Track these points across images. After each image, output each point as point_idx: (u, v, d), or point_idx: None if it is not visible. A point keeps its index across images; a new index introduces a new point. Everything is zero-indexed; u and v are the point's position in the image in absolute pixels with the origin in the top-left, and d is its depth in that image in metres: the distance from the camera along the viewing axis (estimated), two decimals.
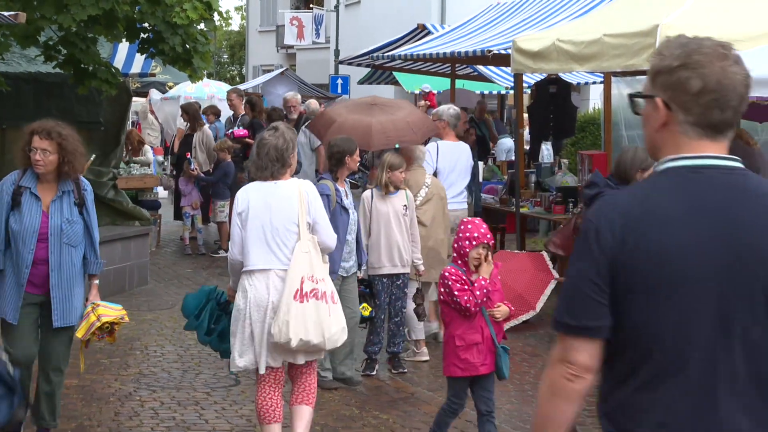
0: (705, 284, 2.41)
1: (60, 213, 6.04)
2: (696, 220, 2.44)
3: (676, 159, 2.53)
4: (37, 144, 5.95)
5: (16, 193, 6.00)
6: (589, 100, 22.39)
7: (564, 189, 12.09)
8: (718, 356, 2.42)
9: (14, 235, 6.01)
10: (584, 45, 9.39)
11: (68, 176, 6.05)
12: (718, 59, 2.51)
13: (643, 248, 2.42)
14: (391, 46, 16.76)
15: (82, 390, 7.70)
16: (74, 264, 6.11)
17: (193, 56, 10.25)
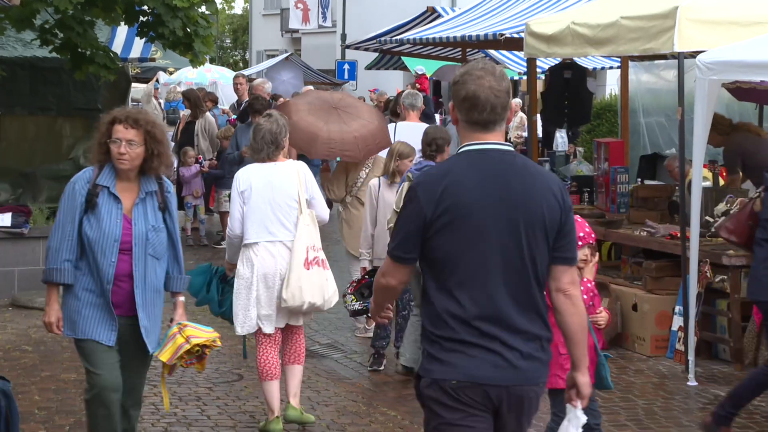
0: (489, 225, 3.83)
1: (144, 218, 5.28)
2: (483, 184, 3.84)
3: (468, 145, 3.91)
4: (122, 134, 5.19)
5: (91, 193, 5.20)
6: (605, 86, 22.36)
7: (579, 178, 12.08)
8: (499, 269, 3.84)
9: (90, 244, 5.20)
10: (600, 28, 9.38)
11: (154, 173, 5.31)
12: (478, 77, 3.86)
13: (449, 204, 3.81)
14: (399, 30, 16.74)
15: (81, 385, 7.70)
16: (159, 279, 5.38)
17: (194, 40, 10.29)
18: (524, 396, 3.87)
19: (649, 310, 8.87)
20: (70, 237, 5.22)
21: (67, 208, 5.25)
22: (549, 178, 3.97)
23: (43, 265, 10.78)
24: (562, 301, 3.94)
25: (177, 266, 5.49)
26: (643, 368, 8.55)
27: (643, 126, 14.25)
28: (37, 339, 9.11)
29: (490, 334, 3.80)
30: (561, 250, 3.90)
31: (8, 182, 11.83)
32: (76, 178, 5.30)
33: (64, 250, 5.23)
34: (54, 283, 5.29)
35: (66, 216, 5.25)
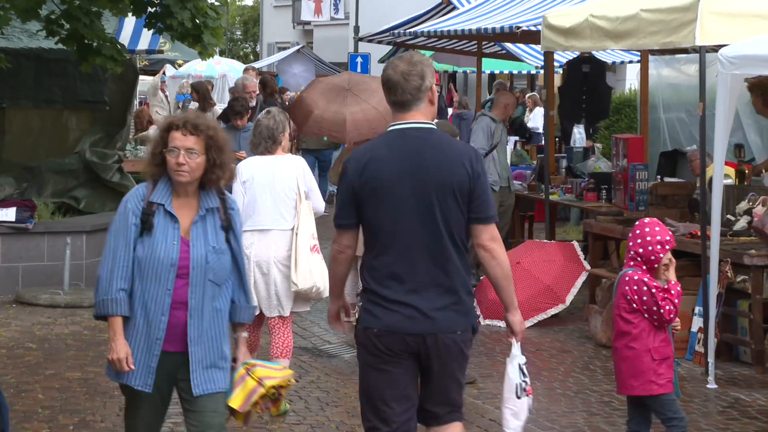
0: (405, 193, 4.58)
1: (203, 239, 4.74)
2: (400, 158, 4.61)
3: (392, 125, 4.75)
4: (180, 142, 4.67)
5: (146, 212, 4.71)
6: (624, 81, 22.30)
7: (597, 175, 12.06)
8: (416, 233, 4.59)
9: (143, 270, 4.69)
10: (620, 21, 9.37)
11: (215, 186, 4.79)
12: (394, 65, 4.71)
13: (370, 176, 4.60)
14: (414, 23, 16.72)
15: (85, 383, 7.77)
16: (220, 309, 4.80)
17: (204, 32, 10.28)
18: (440, 343, 4.62)
19: None
20: (124, 263, 4.68)
21: (119, 230, 4.72)
22: (460, 150, 4.70)
23: (48, 260, 10.95)
24: (483, 255, 4.73)
25: (243, 294, 4.90)
26: None
27: (663, 122, 14.22)
28: (41, 336, 9.14)
29: (410, 290, 4.60)
30: (476, 212, 4.65)
31: (12, 176, 11.87)
32: (128, 197, 4.79)
33: (118, 279, 4.68)
34: (111, 315, 4.68)
35: (118, 239, 4.71)
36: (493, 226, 4.71)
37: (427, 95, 4.68)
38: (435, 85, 4.76)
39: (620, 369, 5.91)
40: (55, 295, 10.35)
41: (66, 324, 9.61)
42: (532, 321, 9.87)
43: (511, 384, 5.00)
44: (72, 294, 10.40)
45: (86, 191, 12.20)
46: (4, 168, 11.93)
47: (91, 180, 12.24)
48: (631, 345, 5.84)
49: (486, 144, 11.71)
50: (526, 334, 9.55)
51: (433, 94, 4.72)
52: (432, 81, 4.70)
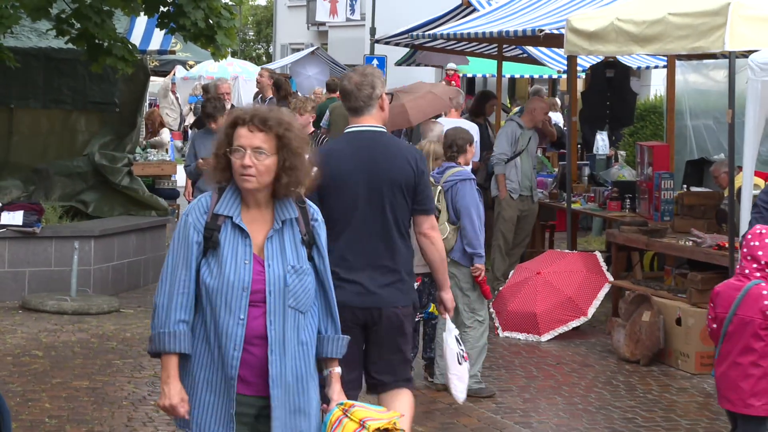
0: (359, 188, 5.43)
1: (281, 257, 4.12)
2: (355, 157, 5.47)
3: (349, 128, 5.61)
4: (246, 140, 4.08)
5: (210, 227, 4.11)
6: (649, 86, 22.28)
7: (620, 183, 12.05)
8: (368, 220, 5.43)
9: (210, 295, 4.07)
10: (646, 25, 9.36)
11: (289, 193, 4.17)
12: (350, 77, 5.58)
13: (331, 171, 5.28)
14: (432, 24, 16.73)
15: (93, 393, 7.80)
16: (305, 342, 4.18)
17: (217, 32, 10.32)
18: (383, 315, 5.50)
19: (694, 325, 8.83)
20: (184, 289, 4.09)
21: (179, 249, 4.12)
22: (407, 151, 5.63)
23: (55, 266, 11.00)
24: (423, 241, 5.67)
25: (331, 322, 4.28)
26: (686, 386, 8.52)
27: (690, 129, 14.18)
28: (48, 344, 9.17)
29: (359, 270, 5.46)
30: (419, 204, 5.57)
31: (20, 178, 11.91)
32: (190, 208, 4.18)
33: (178, 308, 4.08)
34: (167, 353, 4.09)
35: (177, 260, 4.11)
36: (432, 217, 5.68)
37: (377, 102, 5.56)
38: (386, 94, 5.63)
39: (739, 386, 5.76)
40: (62, 301, 10.38)
41: (73, 331, 9.65)
42: (552, 333, 9.86)
43: (452, 353, 6.13)
44: (79, 300, 10.44)
45: (95, 195, 12.24)
46: (12, 170, 11.97)
47: (100, 183, 12.28)
48: (759, 363, 5.72)
49: (508, 150, 11.69)
50: (546, 347, 9.60)
51: (384, 101, 5.59)
52: (382, 90, 5.58)
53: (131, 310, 10.59)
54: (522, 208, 11.83)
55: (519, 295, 10.19)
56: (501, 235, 11.78)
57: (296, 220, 4.19)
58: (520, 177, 11.78)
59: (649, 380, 8.71)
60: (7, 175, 11.84)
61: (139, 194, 12.31)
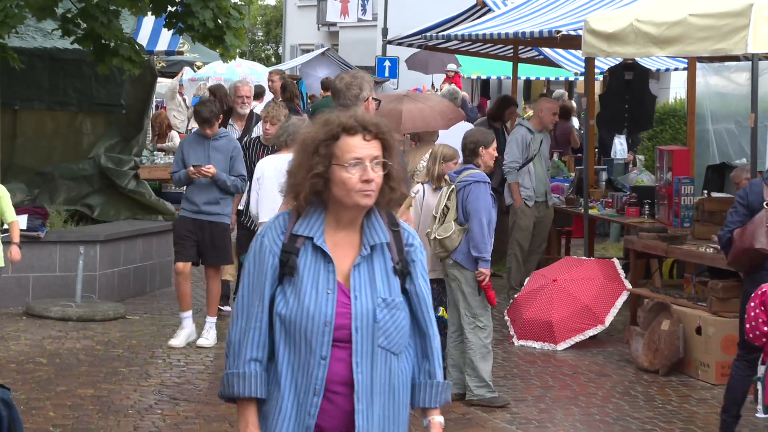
0: None
1: (370, 288, 3.62)
2: None
3: None
4: (365, 150, 3.60)
5: (287, 249, 3.62)
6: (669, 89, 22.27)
7: (639, 189, 12.04)
8: None
9: (287, 329, 3.59)
10: (666, 26, 9.36)
11: (392, 209, 3.75)
12: (340, 78, 6.18)
13: None
14: (446, 25, 16.74)
15: (98, 401, 7.82)
16: (397, 389, 3.66)
17: (226, 33, 10.34)
18: None
19: (714, 334, 8.82)
20: (257, 323, 3.62)
21: (253, 276, 3.65)
22: None
23: (59, 271, 11.02)
24: None
25: (428, 366, 3.73)
26: (707, 397, 8.50)
27: (711, 133, 14.18)
28: (52, 351, 9.20)
29: None
30: None
31: (24, 182, 11.95)
32: (265, 229, 3.70)
33: (250, 345, 3.61)
34: (239, 397, 3.65)
35: (252, 289, 3.64)
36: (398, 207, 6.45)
37: (363, 104, 6.12)
38: (373, 99, 6.16)
39: None
40: (66, 307, 10.41)
41: (78, 338, 9.67)
42: (569, 342, 9.86)
43: None
44: (84, 307, 10.47)
45: (101, 198, 12.28)
46: (16, 173, 12.01)
47: (105, 187, 12.31)
48: None
49: (520, 156, 11.68)
50: (563, 356, 9.59)
51: (369, 104, 6.14)
52: (369, 94, 6.16)
53: (137, 317, 10.62)
54: (537, 215, 11.83)
55: (535, 303, 10.19)
56: (517, 244, 11.78)
57: (387, 246, 3.67)
58: (535, 183, 11.76)
59: (669, 391, 8.70)
60: (11, 178, 11.87)
61: (146, 198, 12.34)
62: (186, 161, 9.52)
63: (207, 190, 9.46)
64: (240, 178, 9.49)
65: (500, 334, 10.22)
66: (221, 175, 9.38)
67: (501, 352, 9.66)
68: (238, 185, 9.50)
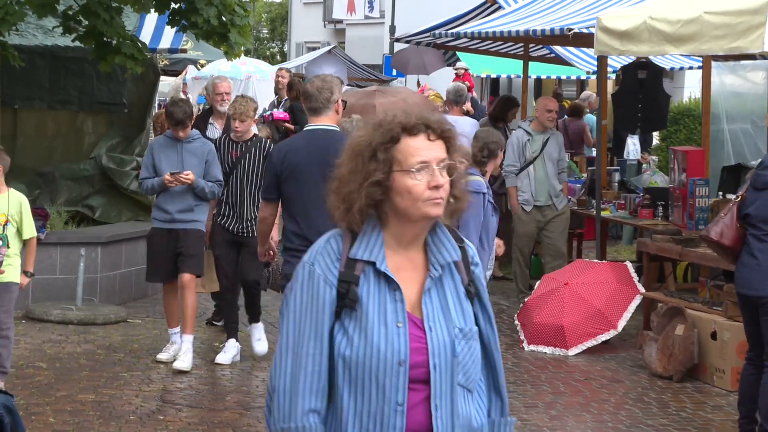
0: (313, 177, 6.37)
1: (444, 316, 3.18)
2: (310, 151, 6.53)
3: (308, 126, 6.70)
4: (432, 152, 3.18)
5: (345, 278, 3.15)
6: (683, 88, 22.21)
7: (652, 190, 12.03)
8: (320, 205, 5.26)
9: (352, 373, 3.12)
10: (681, 24, 9.35)
11: (455, 221, 3.32)
12: (311, 82, 6.61)
13: (288, 164, 6.57)
14: (455, 23, 16.73)
15: (99, 407, 7.83)
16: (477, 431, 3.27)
17: (230, 30, 10.36)
18: None
19: (730, 339, 8.81)
20: (314, 366, 3.13)
21: (304, 311, 3.16)
22: None
23: (60, 273, 11.04)
24: None
25: (499, 402, 3.35)
26: (722, 404, 8.49)
27: (726, 133, 14.16)
28: (52, 355, 9.21)
29: None
30: None
31: (24, 182, 11.95)
32: (314, 254, 3.23)
33: (307, 394, 3.13)
34: None
35: (303, 327, 3.16)
36: None
37: (334, 106, 6.61)
38: (342, 100, 6.63)
39: None
40: (67, 310, 10.43)
41: (78, 342, 9.68)
42: (581, 347, 9.85)
43: None
44: (85, 310, 10.48)
45: (102, 199, 12.30)
46: (16, 173, 11.99)
47: (107, 187, 12.33)
48: None
49: (516, 160, 11.58)
50: (574, 362, 9.57)
51: (339, 106, 6.63)
52: (338, 96, 6.63)
53: (139, 320, 10.62)
54: (541, 219, 11.68)
55: (545, 307, 10.18)
56: (518, 249, 11.76)
57: (456, 265, 3.24)
58: (535, 186, 11.58)
59: (683, 397, 8.68)
60: (11, 178, 11.79)
61: (148, 199, 12.33)
62: (157, 166, 9.01)
63: (181, 197, 8.95)
64: (216, 184, 9.02)
65: (510, 338, 10.22)
66: (199, 181, 8.91)
67: (511, 357, 9.65)
68: (215, 191, 9.01)
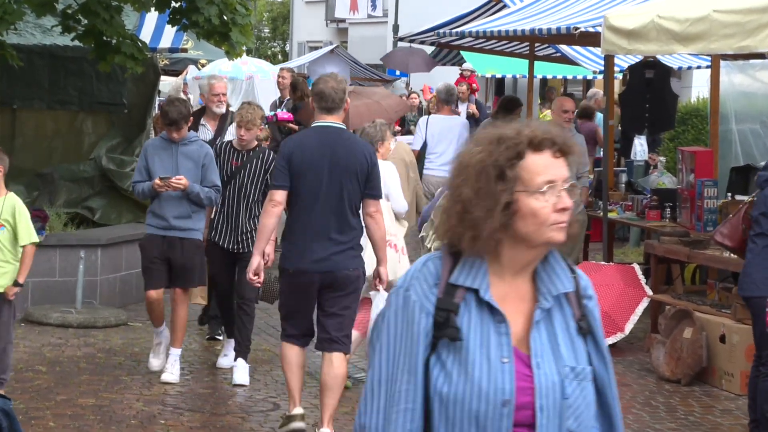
0: (321, 173, 6.93)
1: (552, 353, 2.88)
2: (319, 147, 6.98)
3: (317, 122, 7.10)
4: (559, 171, 2.89)
5: (444, 305, 2.84)
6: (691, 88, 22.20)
7: (660, 191, 12.02)
8: (328, 200, 6.94)
9: (450, 412, 2.82)
10: (689, 23, 9.35)
11: (572, 247, 3.05)
12: (325, 81, 7.07)
13: (298, 159, 6.97)
14: (459, 21, 16.75)
15: (99, 410, 7.83)
16: None
17: (232, 29, 10.37)
18: (336, 277, 7.01)
19: (739, 342, 8.80)
20: (408, 404, 2.84)
21: (399, 342, 2.87)
22: (362, 145, 7.24)
23: (59, 276, 11.04)
24: (368, 221, 7.10)
25: None
26: (731, 408, 8.49)
27: (735, 133, 14.14)
28: (52, 358, 9.22)
29: (316, 240, 6.98)
30: (369, 189, 7.05)
31: (23, 183, 11.97)
32: (410, 278, 2.91)
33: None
34: None
35: (396, 359, 2.87)
36: (378, 201, 7.16)
37: (344, 105, 7.09)
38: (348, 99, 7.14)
39: None
40: (66, 313, 10.43)
41: (78, 345, 9.69)
42: None
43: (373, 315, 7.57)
44: (85, 313, 10.49)
45: (102, 201, 12.30)
46: (14, 174, 11.99)
47: (107, 189, 12.34)
48: None
49: None
50: None
51: (348, 105, 7.15)
52: (347, 96, 7.12)
53: (140, 324, 10.62)
54: None
55: None
56: None
57: (568, 297, 2.94)
58: None
59: (691, 401, 8.68)
60: (9, 179, 11.79)
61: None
62: (151, 170, 8.66)
63: (177, 202, 8.55)
64: (214, 189, 8.60)
65: None
66: (194, 186, 8.49)
67: None
68: (212, 197, 8.59)
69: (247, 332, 8.75)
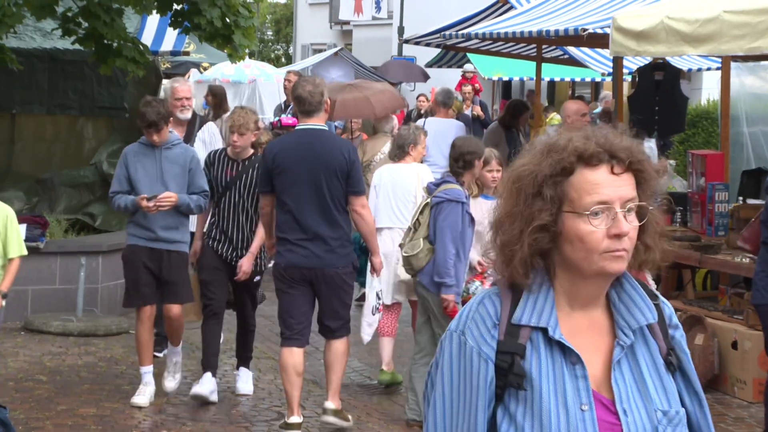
0: (303, 173, 7.37)
1: (640, 396, 2.56)
2: (300, 148, 7.41)
3: (300, 126, 7.56)
4: (614, 190, 2.54)
5: (506, 348, 2.52)
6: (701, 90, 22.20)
7: (671, 195, 11.99)
8: (312, 200, 7.37)
9: None
10: (699, 24, 9.33)
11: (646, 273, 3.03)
12: (302, 85, 7.45)
13: (280, 161, 7.42)
14: (465, 23, 16.75)
15: (101, 420, 7.83)
16: None
17: (234, 32, 10.38)
18: (326, 274, 7.39)
19: (751, 349, 8.78)
20: None
21: (456, 392, 2.56)
22: (342, 145, 7.57)
23: (60, 283, 11.03)
24: (355, 217, 7.52)
25: None
26: (743, 416, 8.47)
27: (747, 136, 14.12)
28: (52, 368, 9.21)
29: (304, 238, 7.35)
30: (351, 186, 7.39)
31: (23, 189, 12.00)
32: (464, 321, 2.59)
33: None
34: None
35: (454, 412, 2.56)
36: (362, 197, 7.52)
37: (324, 106, 7.38)
38: (329, 99, 7.43)
39: None
40: (67, 322, 10.43)
41: (79, 354, 9.69)
42: None
43: (369, 306, 8.38)
44: (86, 321, 10.49)
45: (103, 207, 12.30)
46: (14, 180, 12.06)
47: (108, 195, 12.32)
48: None
49: None
50: None
51: (328, 105, 7.43)
52: (326, 97, 7.39)
53: None
54: None
55: None
56: None
57: (650, 329, 2.62)
58: None
59: None
60: (9, 185, 11.92)
61: None
62: (133, 179, 8.18)
63: (165, 212, 8.10)
64: (202, 195, 8.19)
65: None
66: (184, 198, 8.08)
67: None
68: (201, 204, 8.19)
69: (249, 343, 8.83)
